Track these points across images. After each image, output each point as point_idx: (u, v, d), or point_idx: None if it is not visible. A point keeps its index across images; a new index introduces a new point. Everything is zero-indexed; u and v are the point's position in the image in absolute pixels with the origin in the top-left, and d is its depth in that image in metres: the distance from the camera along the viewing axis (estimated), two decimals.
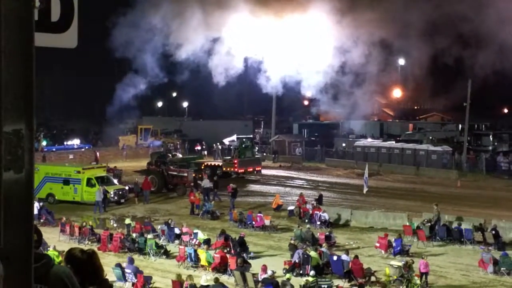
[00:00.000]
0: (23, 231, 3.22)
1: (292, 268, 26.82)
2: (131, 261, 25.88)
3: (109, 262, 27.87)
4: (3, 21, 2.99)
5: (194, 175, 48.74)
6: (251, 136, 70.15)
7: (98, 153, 65.47)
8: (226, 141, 59.29)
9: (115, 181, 46.26)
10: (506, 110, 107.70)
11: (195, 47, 65.68)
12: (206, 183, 44.82)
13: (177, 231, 32.76)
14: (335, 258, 26.77)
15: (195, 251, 28.10)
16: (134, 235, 31.58)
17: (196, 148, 73.91)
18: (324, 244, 29.21)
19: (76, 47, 4.15)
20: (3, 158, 3.07)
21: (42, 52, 3.89)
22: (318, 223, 36.02)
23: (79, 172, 43.82)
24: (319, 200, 40.85)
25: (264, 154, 71.21)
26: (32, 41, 3.13)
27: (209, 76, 69.17)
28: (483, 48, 60.64)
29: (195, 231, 33.31)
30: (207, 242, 30.29)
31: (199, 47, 65.95)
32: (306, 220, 36.73)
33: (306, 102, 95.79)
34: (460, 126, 76.65)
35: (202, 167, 54.04)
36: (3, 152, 3.07)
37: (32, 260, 3.32)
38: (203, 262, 27.58)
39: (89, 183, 42.87)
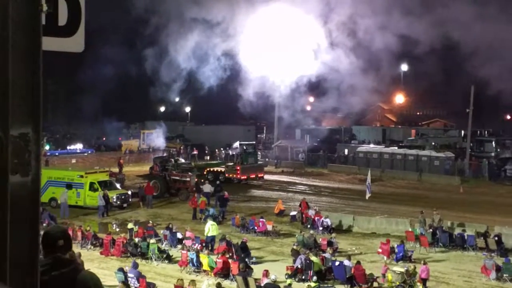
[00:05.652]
0: (30, 233, 3.24)
1: (294, 273, 26.77)
2: (135, 265, 25.83)
3: (111, 266, 27.93)
4: (11, 25, 3.01)
5: (196, 179, 48.69)
6: (254, 142, 69.84)
7: (122, 160, 63.63)
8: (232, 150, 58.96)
9: (118, 185, 46.31)
10: (508, 117, 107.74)
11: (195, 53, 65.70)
12: (206, 187, 44.81)
13: (179, 235, 32.80)
14: (337, 263, 26.72)
15: (198, 256, 28.07)
16: (136, 239, 31.57)
17: (193, 153, 72.44)
18: (328, 249, 29.18)
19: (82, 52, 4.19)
20: (10, 162, 3.09)
21: (46, 56, 3.91)
22: (321, 228, 35.99)
23: (82, 176, 43.78)
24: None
25: (267, 159, 71.12)
26: (39, 45, 3.15)
27: (208, 81, 68.95)
28: (486, 54, 60.61)
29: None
30: (211, 242, 30.84)
31: (198, 53, 65.93)
32: (309, 226, 36.71)
33: (308, 107, 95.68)
34: (462, 132, 76.71)
35: (205, 173, 54.04)
36: (10, 156, 3.09)
37: (38, 263, 3.33)
38: (205, 267, 27.54)
39: (91, 187, 42.86)
